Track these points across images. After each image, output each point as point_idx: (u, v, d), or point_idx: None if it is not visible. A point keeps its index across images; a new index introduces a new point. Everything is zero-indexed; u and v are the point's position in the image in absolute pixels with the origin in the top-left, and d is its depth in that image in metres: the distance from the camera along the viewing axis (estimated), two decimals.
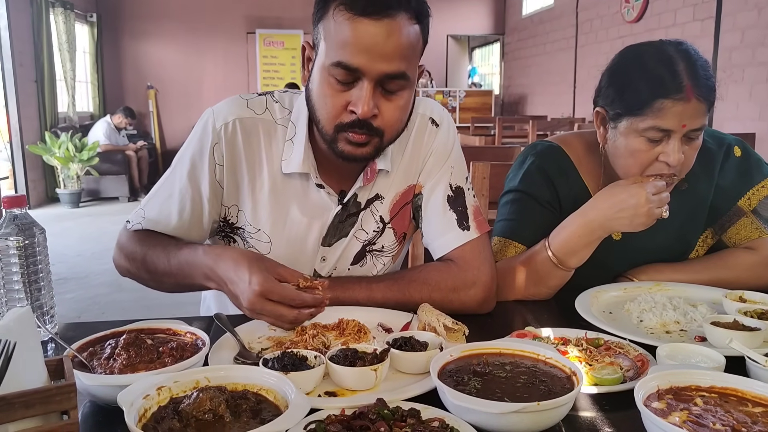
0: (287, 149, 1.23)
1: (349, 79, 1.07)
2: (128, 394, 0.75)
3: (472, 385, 0.84)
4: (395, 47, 1.05)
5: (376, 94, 1.08)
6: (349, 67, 1.05)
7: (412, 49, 1.09)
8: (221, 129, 1.22)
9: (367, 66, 1.05)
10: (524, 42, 10.68)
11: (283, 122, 1.25)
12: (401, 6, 1.05)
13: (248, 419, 0.74)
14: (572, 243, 1.26)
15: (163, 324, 1.01)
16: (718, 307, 1.22)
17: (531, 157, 1.47)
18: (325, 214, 1.26)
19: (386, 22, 1.04)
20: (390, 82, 1.08)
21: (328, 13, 1.07)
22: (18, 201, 1.04)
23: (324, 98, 1.11)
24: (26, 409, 0.63)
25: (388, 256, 1.35)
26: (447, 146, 1.31)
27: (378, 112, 1.09)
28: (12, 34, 7.54)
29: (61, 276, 4.69)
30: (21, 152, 7.73)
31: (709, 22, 5.75)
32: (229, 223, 1.29)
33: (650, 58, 1.27)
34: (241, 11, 10.61)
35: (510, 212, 1.44)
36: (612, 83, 1.32)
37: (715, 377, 0.83)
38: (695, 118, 1.23)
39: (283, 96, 1.29)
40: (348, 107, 1.09)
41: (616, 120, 1.30)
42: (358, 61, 1.05)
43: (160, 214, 1.25)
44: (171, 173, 1.27)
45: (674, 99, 1.21)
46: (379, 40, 1.04)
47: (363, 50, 1.04)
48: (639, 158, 1.28)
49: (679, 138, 1.24)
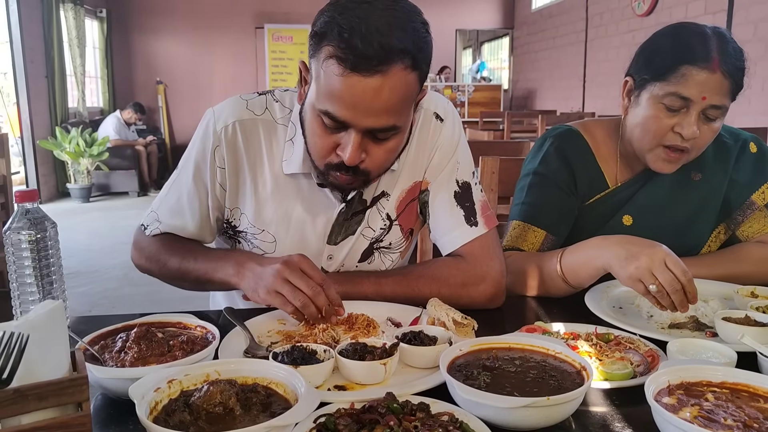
0: (287, 149, 1.23)
1: (337, 126, 1.05)
2: (139, 387, 0.75)
3: (481, 379, 0.84)
4: (384, 104, 1.01)
5: (364, 140, 1.06)
6: (335, 119, 1.04)
7: (404, 101, 1.05)
8: (221, 132, 1.22)
9: (354, 121, 1.03)
10: (533, 36, 10.61)
11: (283, 121, 1.25)
12: (396, 57, 0.98)
13: (258, 412, 0.75)
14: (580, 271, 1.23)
15: (173, 318, 1.02)
16: (729, 302, 1.22)
17: (550, 139, 1.47)
18: (329, 212, 1.26)
19: (377, 78, 0.98)
20: (379, 133, 1.06)
21: (319, 54, 1.02)
22: (30, 195, 1.04)
23: (314, 136, 1.10)
24: (39, 401, 0.64)
25: (396, 252, 1.35)
26: (453, 141, 1.29)
27: (365, 156, 1.08)
28: (23, 31, 7.57)
29: (72, 270, 4.72)
30: (32, 147, 7.78)
31: (721, 15, 5.70)
32: (232, 225, 1.30)
33: (685, 30, 1.30)
34: (249, 6, 10.61)
35: (529, 195, 1.44)
36: (643, 51, 1.35)
37: (726, 373, 0.83)
38: (717, 93, 1.24)
39: (283, 95, 1.28)
40: (336, 150, 1.08)
41: (641, 87, 1.33)
42: (345, 115, 1.02)
43: (173, 217, 1.27)
44: (178, 175, 1.29)
45: (699, 67, 1.23)
46: (367, 98, 0.99)
47: (350, 106, 1.01)
48: (654, 126, 1.30)
49: (697, 111, 1.25)
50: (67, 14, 8.65)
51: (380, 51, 0.96)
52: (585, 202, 1.45)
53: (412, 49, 0.99)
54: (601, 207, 1.45)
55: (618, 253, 1.13)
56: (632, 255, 1.10)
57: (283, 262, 1.07)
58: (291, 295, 1.04)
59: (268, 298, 1.06)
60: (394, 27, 0.98)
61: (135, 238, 1.32)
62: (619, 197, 1.44)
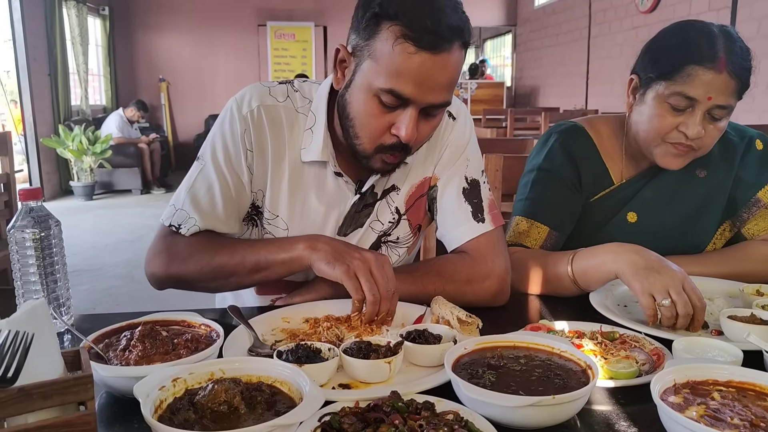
0: (306, 138, 1.24)
1: (396, 104, 1.08)
2: (144, 385, 0.75)
3: (486, 378, 0.83)
4: (447, 80, 1.07)
5: (419, 117, 1.10)
6: (401, 96, 1.06)
7: (458, 77, 1.11)
8: (248, 115, 1.22)
9: (418, 97, 1.06)
10: (536, 33, 10.59)
11: (303, 111, 1.26)
12: (457, 38, 1.05)
13: (263, 411, 0.74)
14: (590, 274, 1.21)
15: (177, 316, 1.02)
16: (734, 300, 1.21)
17: (555, 135, 1.47)
18: (343, 203, 1.26)
19: (443, 55, 1.04)
20: (433, 109, 1.10)
21: (381, 33, 1.04)
22: (34, 194, 1.05)
23: (367, 118, 1.11)
24: (44, 399, 0.64)
25: (403, 247, 1.35)
26: (463, 139, 1.31)
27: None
28: (26, 28, 7.58)
29: (76, 268, 4.73)
30: (35, 145, 7.79)
31: (725, 12, 5.67)
32: (256, 206, 1.28)
33: (692, 29, 1.29)
34: (252, 3, 10.61)
35: (532, 191, 1.43)
36: (650, 49, 1.35)
37: (732, 371, 0.82)
38: (723, 93, 1.24)
39: (303, 86, 1.29)
40: (391, 129, 1.10)
41: (646, 85, 1.32)
42: (411, 91, 1.05)
43: (206, 211, 1.21)
44: (204, 166, 1.23)
45: (706, 67, 1.23)
46: (434, 74, 1.05)
47: (417, 82, 1.05)
48: (659, 124, 1.29)
49: (702, 111, 1.25)
50: (69, 12, 8.66)
51: (447, 30, 1.03)
52: (590, 199, 1.45)
53: (464, 29, 1.07)
54: (606, 203, 1.45)
55: (635, 261, 1.12)
56: (652, 268, 1.09)
57: (375, 255, 1.09)
58: (368, 286, 1.05)
59: (345, 275, 1.06)
60: (451, 8, 1.05)
61: (162, 245, 1.21)
62: (624, 194, 1.44)
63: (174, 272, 1.20)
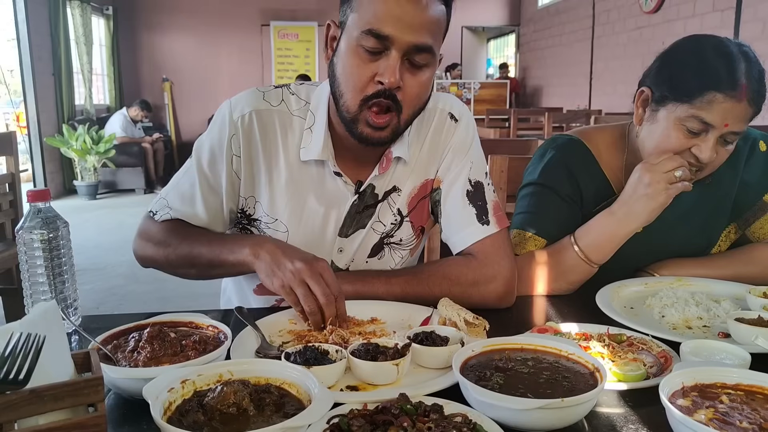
0: (306, 137, 1.24)
1: (379, 48, 1.09)
2: (153, 387, 0.75)
3: (494, 380, 0.83)
4: (425, 19, 1.09)
5: (402, 66, 1.10)
6: (379, 35, 1.08)
7: (438, 25, 1.12)
8: (238, 120, 1.24)
9: (398, 35, 1.08)
10: (540, 33, 10.58)
11: (299, 113, 1.26)
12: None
13: (272, 413, 0.74)
14: (600, 237, 1.26)
15: (185, 317, 1.02)
16: (741, 302, 1.21)
17: (551, 150, 1.46)
18: (342, 203, 1.27)
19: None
20: (416, 54, 1.11)
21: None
22: (42, 195, 1.05)
23: (351, 68, 1.12)
24: (55, 401, 0.64)
25: (406, 249, 1.35)
26: (466, 141, 1.31)
27: (402, 85, 1.11)
28: (30, 28, 7.60)
29: (80, 267, 4.69)
30: (39, 145, 7.81)
31: (729, 13, 5.66)
32: (246, 214, 1.30)
33: (711, 49, 1.24)
34: (255, 3, 10.62)
35: (529, 205, 1.43)
36: (666, 65, 1.31)
37: (741, 374, 0.82)
38: (740, 120, 1.22)
39: (299, 88, 1.29)
40: (375, 78, 1.11)
41: (660, 102, 1.29)
42: (389, 29, 1.07)
43: (184, 204, 1.26)
44: (191, 164, 1.29)
45: (726, 94, 1.19)
46: (410, 10, 1.07)
47: (395, 20, 1.07)
48: (671, 145, 1.27)
49: (716, 136, 1.23)
50: (73, 12, 8.67)
51: None
52: (592, 209, 1.44)
53: None
54: None
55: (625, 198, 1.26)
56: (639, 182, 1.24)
57: (306, 263, 1.07)
58: (303, 298, 1.05)
59: (281, 291, 1.07)
60: None
61: (141, 227, 1.30)
62: None
63: (148, 254, 1.27)
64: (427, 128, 1.30)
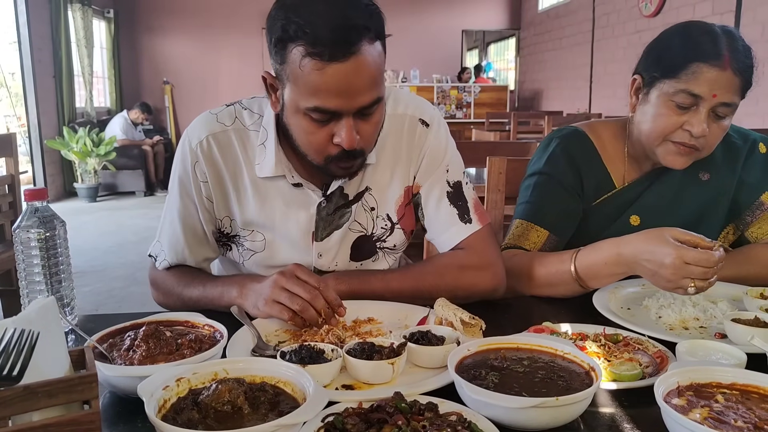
0: (260, 153, 1.24)
1: (328, 118, 1.08)
2: (148, 385, 0.75)
3: (489, 379, 0.84)
4: (367, 80, 1.05)
5: (355, 121, 1.09)
6: (327, 111, 1.06)
7: (380, 71, 1.08)
8: (197, 147, 1.25)
9: (345, 105, 1.05)
10: (540, 37, 10.59)
11: (254, 127, 1.26)
12: (362, 36, 1.02)
13: (266, 411, 0.75)
14: (598, 268, 1.23)
15: (181, 316, 1.02)
16: (738, 303, 1.21)
17: (556, 140, 1.47)
18: (310, 207, 1.27)
19: (353, 60, 1.01)
20: (367, 109, 1.09)
21: (289, 56, 1.04)
22: (39, 194, 1.05)
23: (306, 136, 1.11)
24: (49, 398, 0.64)
25: (399, 252, 1.40)
26: (440, 146, 1.31)
27: (358, 137, 1.10)
28: (31, 31, 7.62)
29: (79, 269, 4.74)
30: (39, 147, 7.82)
31: (729, 16, 5.67)
32: (224, 233, 1.32)
33: (695, 28, 1.31)
34: (255, 6, 10.62)
35: (533, 195, 1.44)
36: (653, 49, 1.36)
37: (736, 374, 0.82)
38: (727, 90, 1.24)
39: (251, 102, 1.29)
40: (332, 140, 1.10)
41: (650, 85, 1.33)
42: (335, 103, 1.05)
43: (173, 251, 1.30)
44: (168, 198, 1.32)
45: (710, 64, 1.23)
46: (351, 80, 1.03)
47: (338, 94, 1.04)
48: (663, 123, 1.30)
49: (707, 109, 1.26)
50: (75, 14, 8.69)
51: (347, 34, 1.01)
52: (592, 203, 1.45)
53: (369, 21, 1.04)
54: (609, 207, 1.44)
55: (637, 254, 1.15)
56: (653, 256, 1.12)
57: (279, 273, 1.10)
58: (289, 301, 1.06)
59: (268, 308, 1.08)
60: (347, 8, 1.02)
61: (150, 277, 1.34)
62: (627, 197, 1.44)
63: (163, 302, 1.32)
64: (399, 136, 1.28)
